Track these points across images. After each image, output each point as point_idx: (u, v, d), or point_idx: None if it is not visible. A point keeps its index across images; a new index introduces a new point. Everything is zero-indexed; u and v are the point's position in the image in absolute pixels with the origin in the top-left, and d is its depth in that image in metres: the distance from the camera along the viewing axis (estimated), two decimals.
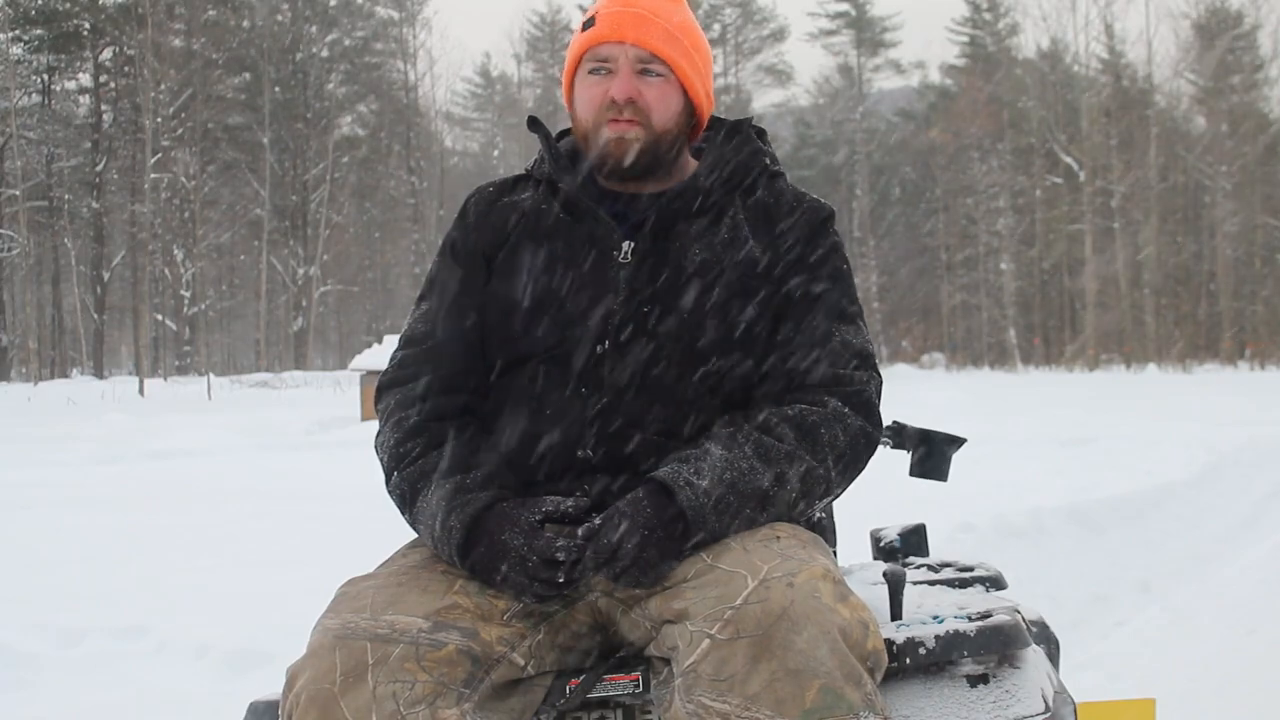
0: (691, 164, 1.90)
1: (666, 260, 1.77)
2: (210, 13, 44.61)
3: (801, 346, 1.76)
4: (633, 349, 1.73)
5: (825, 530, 2.03)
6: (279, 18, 48.44)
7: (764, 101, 56.94)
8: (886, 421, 2.17)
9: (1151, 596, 5.23)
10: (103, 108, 44.96)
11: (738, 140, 1.88)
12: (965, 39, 55.44)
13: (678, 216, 1.81)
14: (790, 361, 1.75)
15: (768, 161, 1.89)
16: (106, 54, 44.73)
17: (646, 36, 1.79)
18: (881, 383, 1.79)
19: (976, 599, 1.80)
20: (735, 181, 1.85)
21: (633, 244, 1.79)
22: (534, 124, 1.93)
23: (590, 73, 1.82)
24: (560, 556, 1.58)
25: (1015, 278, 47.96)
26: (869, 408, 1.75)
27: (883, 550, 2.35)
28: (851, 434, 1.71)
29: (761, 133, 1.93)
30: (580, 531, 1.60)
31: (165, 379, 38.82)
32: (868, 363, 1.78)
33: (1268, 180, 44.97)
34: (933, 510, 3.23)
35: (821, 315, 1.77)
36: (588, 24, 1.83)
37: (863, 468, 1.76)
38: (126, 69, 43.22)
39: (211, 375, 35.16)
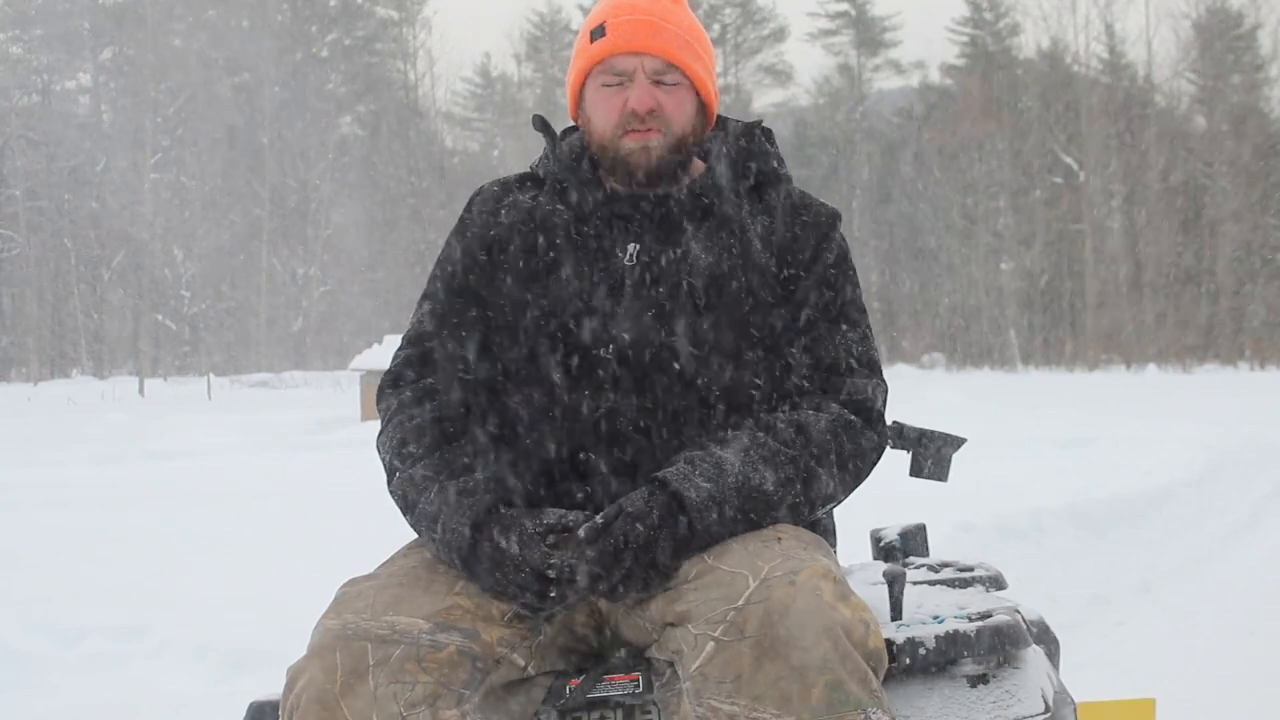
0: (698, 165, 1.88)
1: (672, 263, 1.76)
2: (210, 13, 44.61)
3: (807, 352, 1.75)
4: (637, 352, 1.72)
5: (826, 531, 2.03)
6: (279, 17, 48.44)
7: (764, 101, 56.91)
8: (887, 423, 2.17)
9: (1151, 596, 5.22)
10: (103, 108, 44.96)
11: (746, 142, 1.87)
12: (965, 39, 55.43)
13: (684, 219, 1.79)
14: (795, 366, 1.75)
15: (775, 164, 1.87)
16: (106, 54, 44.73)
17: (662, 45, 1.78)
18: (887, 390, 1.79)
19: (976, 599, 1.80)
20: (742, 184, 1.83)
21: (638, 246, 1.77)
22: (540, 123, 1.90)
23: (604, 84, 1.80)
24: (552, 574, 1.57)
25: (1015, 278, 47.92)
26: (874, 415, 1.74)
27: (883, 550, 2.35)
28: (856, 441, 1.71)
29: (770, 135, 1.91)
30: (582, 533, 1.58)
31: (165, 379, 38.85)
32: (873, 369, 1.78)
33: (1268, 180, 44.92)
34: (933, 510, 3.22)
35: (827, 321, 1.77)
36: (596, 32, 1.80)
37: (866, 475, 1.75)
38: (126, 69, 43.21)
39: (211, 375, 35.16)
